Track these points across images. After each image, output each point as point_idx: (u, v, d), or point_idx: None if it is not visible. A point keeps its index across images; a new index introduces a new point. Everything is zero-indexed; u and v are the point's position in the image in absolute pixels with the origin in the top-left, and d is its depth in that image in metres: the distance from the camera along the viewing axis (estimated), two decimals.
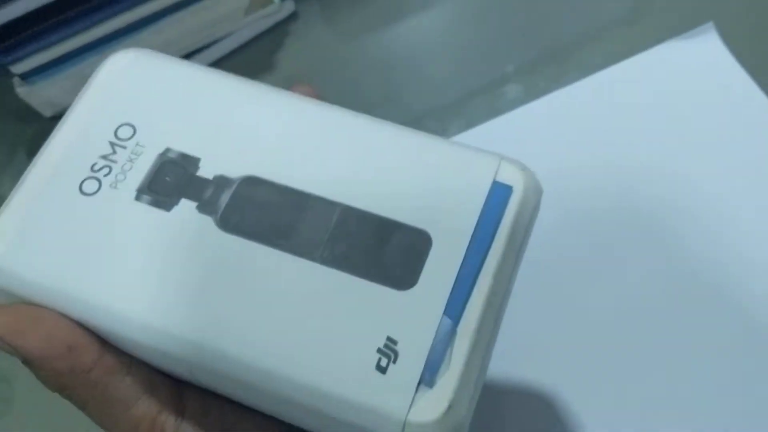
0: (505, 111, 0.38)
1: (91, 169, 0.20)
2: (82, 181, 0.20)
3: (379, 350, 0.17)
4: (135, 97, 0.21)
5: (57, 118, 0.40)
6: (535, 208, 0.20)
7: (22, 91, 0.38)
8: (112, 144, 0.20)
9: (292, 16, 0.42)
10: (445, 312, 0.18)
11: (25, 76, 0.38)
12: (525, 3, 0.41)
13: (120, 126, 0.21)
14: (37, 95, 0.39)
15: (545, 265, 0.34)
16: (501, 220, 0.19)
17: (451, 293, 0.18)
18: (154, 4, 0.38)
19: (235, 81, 0.22)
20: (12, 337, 0.18)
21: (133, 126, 0.21)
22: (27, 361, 0.18)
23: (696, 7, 0.40)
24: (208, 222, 0.19)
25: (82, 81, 0.22)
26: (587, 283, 0.33)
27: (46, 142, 0.21)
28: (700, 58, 0.38)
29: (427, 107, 0.39)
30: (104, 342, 0.19)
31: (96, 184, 0.20)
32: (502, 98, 0.38)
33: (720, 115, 0.37)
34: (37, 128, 0.43)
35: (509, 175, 0.20)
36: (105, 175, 0.20)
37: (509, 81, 0.39)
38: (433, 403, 0.17)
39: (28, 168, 0.21)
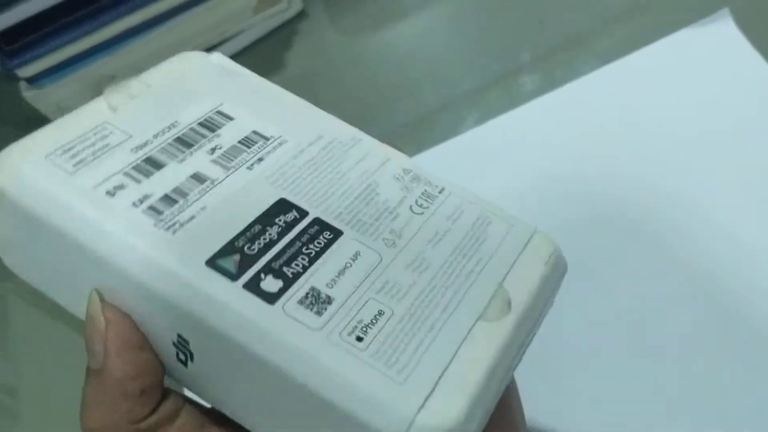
0: (523, 102, 0.37)
1: None
2: None
3: None
4: None
5: None
6: None
7: (29, 95, 0.37)
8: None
9: (301, 14, 0.42)
10: None
11: (33, 80, 0.37)
12: None
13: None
14: (44, 99, 0.38)
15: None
16: None
17: None
18: (163, 4, 0.37)
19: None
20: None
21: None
22: None
23: None
24: None
25: (92, 83, 0.21)
26: (592, 287, 0.33)
27: None
28: (716, 44, 0.37)
29: (442, 101, 0.38)
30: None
31: None
32: (520, 89, 0.38)
33: (737, 102, 0.36)
34: None
35: None
36: None
37: (525, 71, 0.38)
38: None
39: None
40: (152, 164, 0.19)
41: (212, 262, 0.18)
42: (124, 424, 0.18)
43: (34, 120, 0.39)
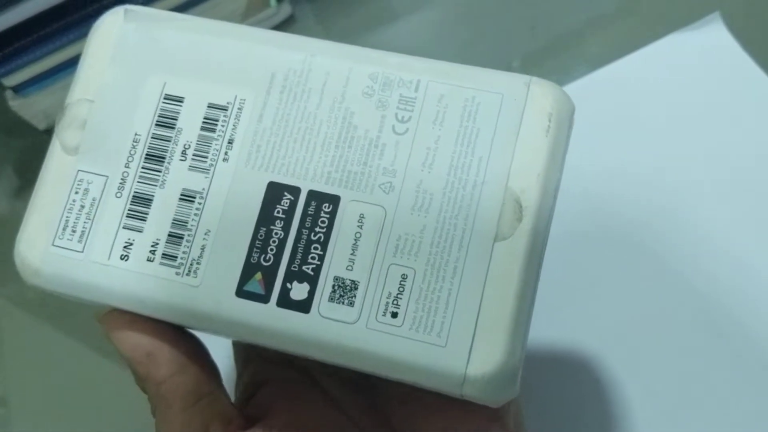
0: None
1: None
2: None
3: None
4: None
5: (50, 131, 0.39)
6: None
7: (15, 104, 0.37)
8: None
9: (290, 19, 0.42)
10: None
11: (18, 89, 0.37)
12: None
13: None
14: (30, 108, 0.37)
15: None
16: None
17: None
18: None
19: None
20: (111, 336, 0.20)
21: None
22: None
23: None
24: None
25: None
26: (595, 283, 0.33)
27: None
28: (707, 49, 0.37)
29: None
30: (193, 359, 0.20)
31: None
32: None
33: (729, 107, 0.36)
34: (26, 143, 0.41)
35: None
36: None
37: None
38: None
39: None
40: (141, 202, 0.19)
41: (241, 291, 0.18)
42: (150, 383, 0.19)
43: (15, 129, 0.39)
